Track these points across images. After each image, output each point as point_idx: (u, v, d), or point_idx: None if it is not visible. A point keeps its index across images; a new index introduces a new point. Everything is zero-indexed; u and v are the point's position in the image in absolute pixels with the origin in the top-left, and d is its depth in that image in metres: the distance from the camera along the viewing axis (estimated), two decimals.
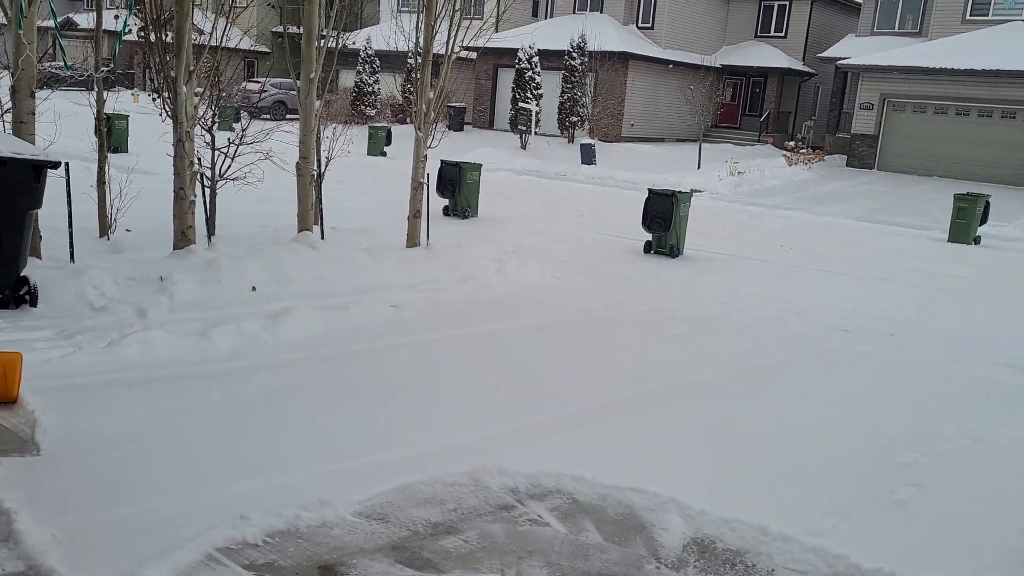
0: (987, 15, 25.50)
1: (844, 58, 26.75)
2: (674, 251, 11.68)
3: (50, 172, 6.28)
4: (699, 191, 19.14)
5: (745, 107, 34.22)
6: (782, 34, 33.06)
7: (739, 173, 22.12)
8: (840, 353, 7.37)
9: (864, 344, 7.71)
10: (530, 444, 4.70)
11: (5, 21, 7.16)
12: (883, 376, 6.73)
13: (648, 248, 11.84)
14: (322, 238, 9.49)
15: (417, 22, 9.90)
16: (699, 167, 24.38)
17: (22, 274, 6.29)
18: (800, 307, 9.11)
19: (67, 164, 6.86)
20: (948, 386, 6.57)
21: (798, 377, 6.55)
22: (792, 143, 26.57)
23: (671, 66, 30.76)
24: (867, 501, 4.31)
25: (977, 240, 15.05)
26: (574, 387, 5.80)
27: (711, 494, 4.15)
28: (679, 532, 3.81)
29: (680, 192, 11.97)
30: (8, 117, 7.32)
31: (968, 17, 25.81)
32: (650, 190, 12.01)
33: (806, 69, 32.63)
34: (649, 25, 31.78)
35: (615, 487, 4.15)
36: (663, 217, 11.59)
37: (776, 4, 33.02)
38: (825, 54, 28.90)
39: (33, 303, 6.25)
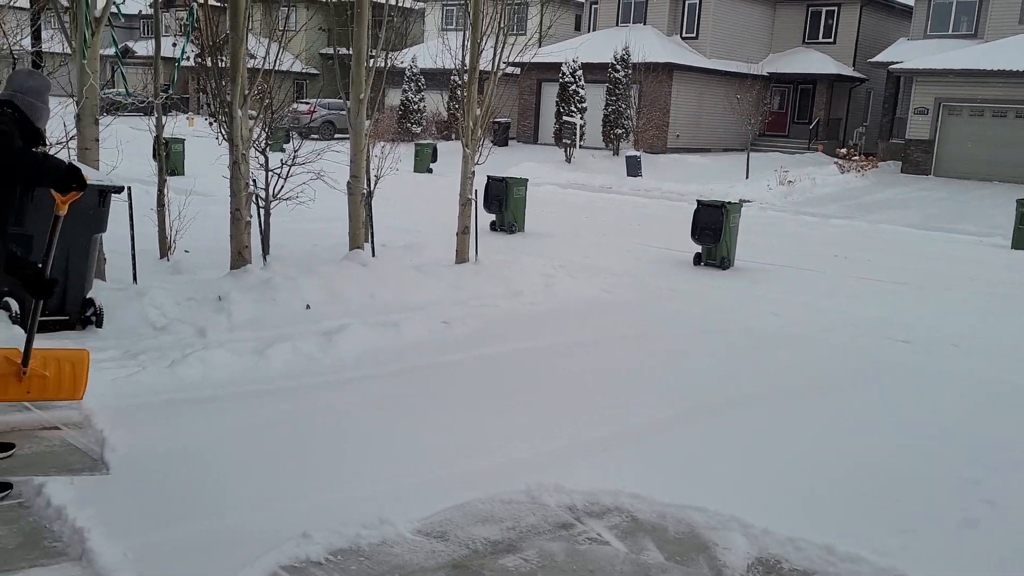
0: None
1: (896, 62, 26.27)
2: (724, 263, 11.55)
3: (113, 196, 6.48)
4: (748, 201, 18.92)
5: (794, 115, 33.76)
6: (831, 40, 32.58)
7: (789, 182, 21.82)
8: (900, 365, 7.19)
9: (925, 355, 7.52)
10: (586, 461, 4.67)
11: (70, 51, 7.41)
12: (947, 388, 6.55)
13: (698, 260, 11.73)
14: (373, 256, 9.60)
15: (464, 40, 10.00)
16: (747, 177, 24.11)
17: (88, 296, 6.48)
18: (856, 318, 8.92)
19: (129, 188, 7.06)
20: (1014, 398, 6.37)
21: (858, 390, 6.40)
22: (844, 150, 26.13)
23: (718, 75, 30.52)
24: (938, 519, 4.18)
25: None
26: (628, 402, 5.75)
27: (774, 512, 4.06)
28: (743, 552, 3.74)
29: (730, 203, 11.86)
30: (73, 144, 7.56)
31: None
32: (699, 201, 11.92)
33: (857, 75, 32.10)
34: (693, 35, 31.61)
35: (675, 505, 4.09)
36: (713, 228, 11.48)
37: (824, 9, 32.57)
38: (876, 59, 28.42)
39: (99, 324, 6.43)
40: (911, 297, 10.25)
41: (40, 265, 4.11)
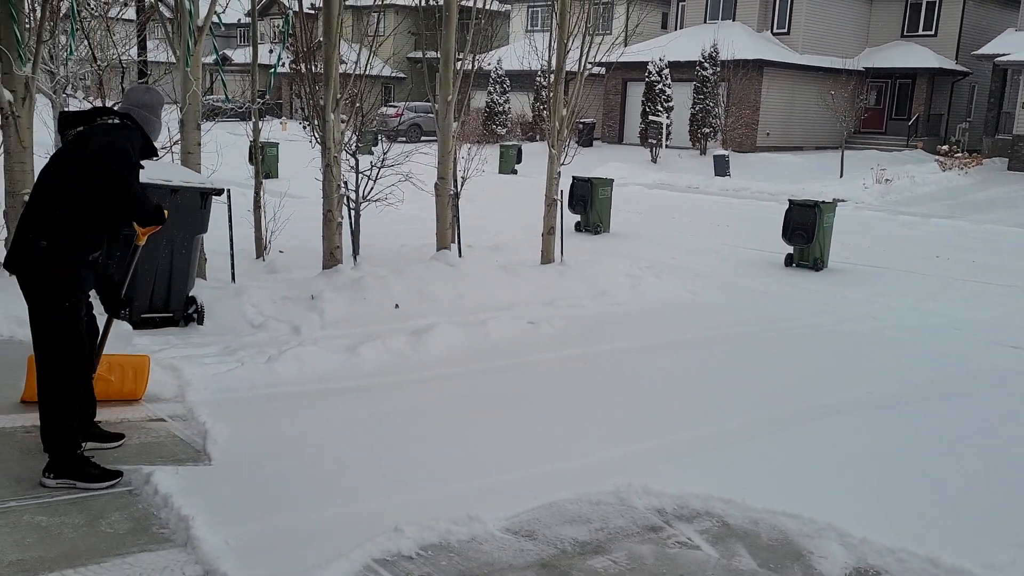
0: None
1: (1003, 54, 25.00)
2: (818, 264, 11.22)
3: (213, 198, 6.74)
4: (843, 200, 18.32)
5: (891, 111, 32.51)
6: (932, 32, 31.24)
7: (886, 180, 21.03)
8: (1010, 371, 6.84)
9: None
10: (674, 463, 4.61)
11: (174, 60, 7.75)
12: None
13: (789, 261, 11.43)
14: (460, 256, 9.70)
15: (550, 42, 9.99)
16: (841, 175, 23.37)
17: (191, 294, 6.77)
18: (961, 322, 8.54)
19: (228, 191, 7.33)
20: None
21: (964, 397, 6.11)
22: (945, 147, 25.01)
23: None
24: None
25: None
26: (717, 406, 5.65)
27: (872, 521, 3.92)
28: (840, 561, 3.62)
29: (823, 202, 11.52)
30: (177, 148, 7.91)
31: None
32: (791, 200, 11.62)
33: (959, 68, 30.69)
34: (785, 31, 30.81)
35: (767, 511, 3.99)
36: (805, 228, 11.17)
37: (925, 1, 31.24)
38: (981, 51, 27.08)
39: (200, 321, 6.71)
40: (1020, 300, 9.73)
41: (119, 279, 4.37)
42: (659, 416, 5.37)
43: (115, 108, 4.24)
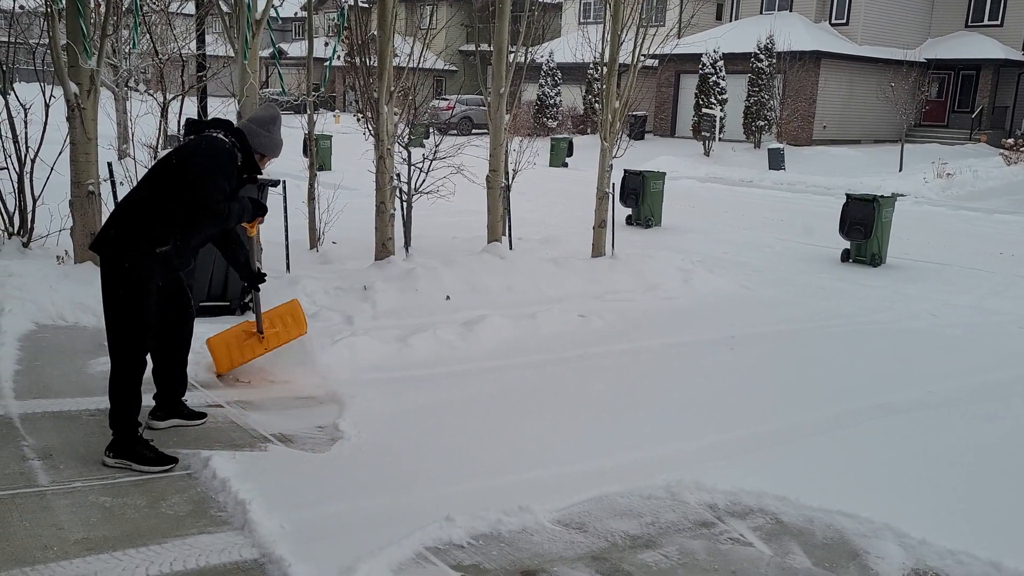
0: None
1: None
2: (875, 259, 10.97)
3: (270, 190, 6.84)
4: (902, 195, 17.85)
5: (954, 103, 31.58)
6: (997, 22, 30.23)
7: (948, 175, 20.46)
8: None
9: None
10: (727, 460, 4.55)
11: (232, 53, 7.89)
12: None
13: (846, 256, 11.20)
14: (510, 248, 9.71)
15: (603, 33, 9.92)
16: (901, 169, 22.81)
17: (246, 284, 6.89)
18: None
19: (284, 183, 7.45)
20: None
21: None
22: (1011, 140, 24.20)
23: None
24: None
25: None
26: (771, 403, 5.56)
27: (930, 522, 3.82)
28: (898, 562, 3.54)
29: (882, 196, 11.25)
30: None
31: None
32: (848, 195, 11.37)
33: None
34: (843, 21, 30.13)
35: (822, 510, 3.92)
36: (863, 223, 10.92)
37: None
38: None
39: None
40: None
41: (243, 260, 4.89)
42: (711, 412, 5.31)
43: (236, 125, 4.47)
